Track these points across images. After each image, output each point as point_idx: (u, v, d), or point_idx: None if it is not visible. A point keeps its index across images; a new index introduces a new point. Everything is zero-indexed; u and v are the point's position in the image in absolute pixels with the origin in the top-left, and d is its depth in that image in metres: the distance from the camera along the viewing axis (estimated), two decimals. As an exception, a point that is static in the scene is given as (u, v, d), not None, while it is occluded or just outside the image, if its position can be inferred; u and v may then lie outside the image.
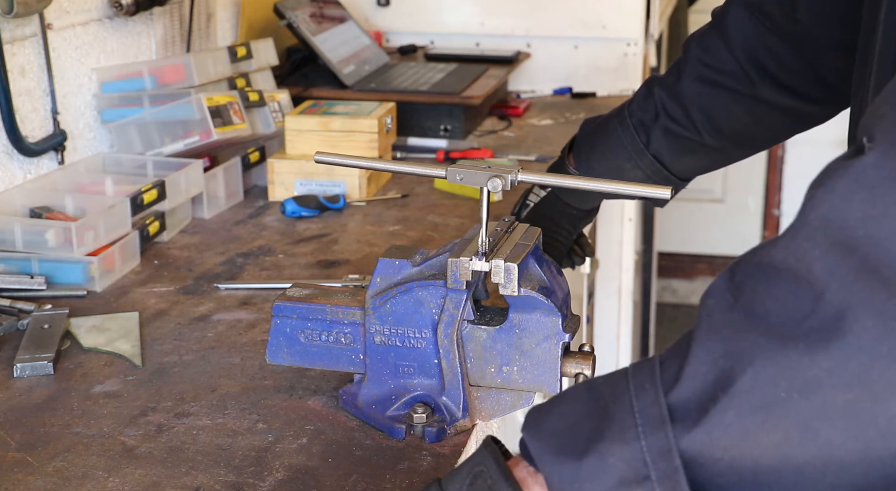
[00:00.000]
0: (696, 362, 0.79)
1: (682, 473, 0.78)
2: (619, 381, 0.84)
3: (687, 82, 1.52)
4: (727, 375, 0.76)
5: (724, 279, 0.81)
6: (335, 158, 1.28)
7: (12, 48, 1.84)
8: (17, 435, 1.24)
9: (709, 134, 1.53)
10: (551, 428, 0.84)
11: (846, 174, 0.75)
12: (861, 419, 0.73)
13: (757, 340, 0.76)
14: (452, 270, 1.19)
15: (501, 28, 3.00)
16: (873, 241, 0.73)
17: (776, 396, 0.75)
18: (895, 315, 0.71)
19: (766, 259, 0.78)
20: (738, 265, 0.81)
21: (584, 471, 0.80)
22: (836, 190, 0.75)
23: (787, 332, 0.75)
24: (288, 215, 2.01)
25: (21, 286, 1.62)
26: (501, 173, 1.18)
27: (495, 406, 1.24)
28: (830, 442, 0.74)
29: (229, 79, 2.22)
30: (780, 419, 0.75)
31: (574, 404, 0.85)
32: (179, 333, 1.51)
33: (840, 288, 0.73)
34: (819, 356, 0.73)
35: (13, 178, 1.86)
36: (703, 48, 1.52)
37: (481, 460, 0.89)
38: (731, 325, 0.78)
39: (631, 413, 0.81)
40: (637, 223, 3.35)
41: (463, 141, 2.49)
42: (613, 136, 1.57)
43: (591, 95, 2.90)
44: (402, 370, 1.25)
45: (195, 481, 1.15)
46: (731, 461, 0.77)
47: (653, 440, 0.79)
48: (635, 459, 0.79)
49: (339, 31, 2.74)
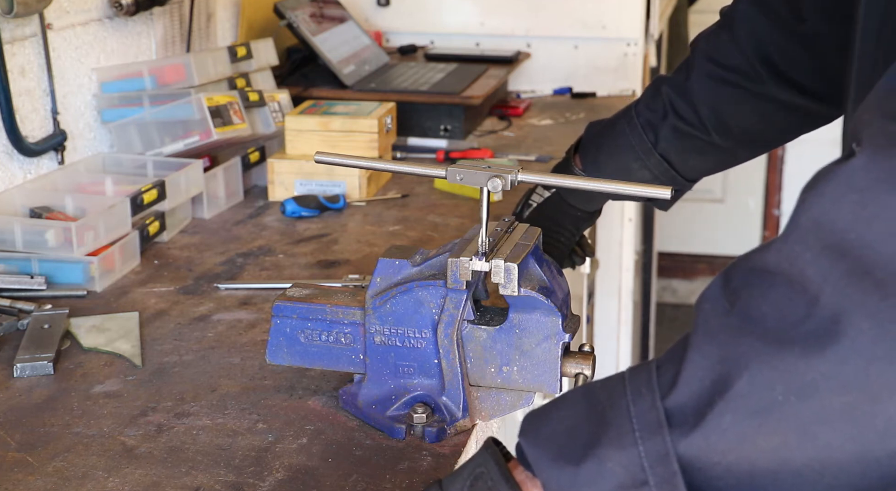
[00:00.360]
0: (692, 367, 0.79)
1: (680, 478, 0.78)
2: (616, 385, 0.84)
3: (696, 80, 1.53)
4: (724, 379, 0.77)
5: (719, 284, 0.81)
6: (335, 158, 1.28)
7: (12, 48, 1.84)
8: (17, 435, 1.24)
9: (717, 132, 1.53)
10: (548, 433, 0.84)
11: (836, 178, 0.76)
12: (859, 421, 0.73)
13: (753, 344, 0.76)
14: (452, 270, 1.19)
15: (501, 28, 3.00)
16: (864, 244, 0.73)
17: (773, 399, 0.75)
18: (890, 317, 0.71)
19: (760, 264, 0.78)
20: (733, 270, 0.81)
21: (582, 476, 0.80)
22: (827, 193, 0.76)
23: (783, 336, 0.75)
24: (288, 215, 2.01)
25: (21, 286, 1.62)
26: (501, 173, 1.18)
27: (495, 406, 1.24)
28: (829, 445, 0.74)
29: (229, 79, 2.22)
30: (778, 423, 0.75)
31: (571, 409, 0.85)
32: (179, 333, 1.51)
33: (834, 291, 0.73)
34: (816, 360, 0.73)
35: (13, 178, 1.86)
36: (711, 46, 1.53)
37: (482, 462, 0.89)
38: (728, 329, 0.78)
39: (628, 418, 0.81)
40: (637, 223, 3.35)
41: (463, 141, 2.49)
42: (621, 136, 1.58)
43: (591, 95, 2.90)
44: (402, 370, 1.25)
45: (195, 481, 1.15)
46: (729, 465, 0.77)
47: (650, 445, 0.79)
48: (633, 464, 0.79)
49: (339, 31, 2.74)
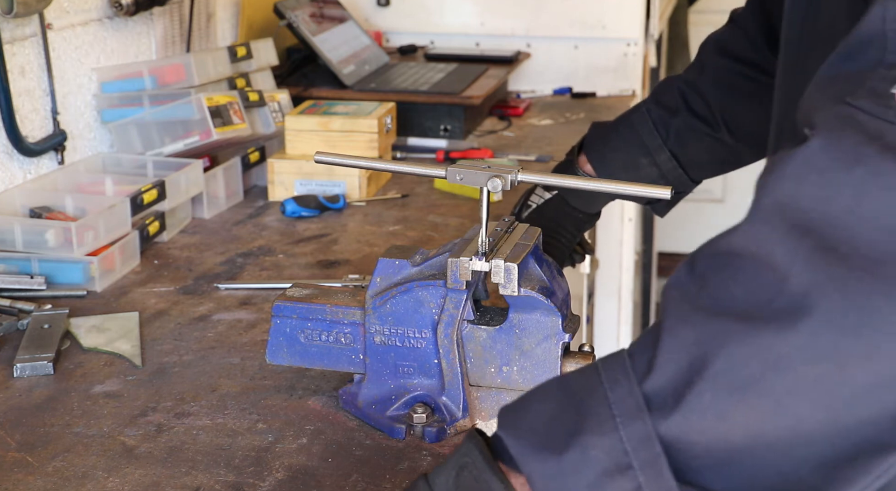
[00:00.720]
0: (667, 350, 0.80)
1: (663, 459, 0.79)
2: (590, 375, 0.85)
3: (709, 75, 1.56)
4: (701, 359, 0.78)
5: (685, 270, 0.83)
6: (335, 158, 1.28)
7: (12, 48, 1.84)
8: (17, 435, 1.24)
9: (728, 129, 1.56)
10: (528, 426, 0.85)
11: (795, 160, 0.78)
12: (829, 390, 0.75)
13: (727, 324, 0.78)
14: (452, 270, 1.19)
15: (501, 28, 3.00)
16: (827, 222, 0.76)
17: (750, 375, 0.76)
18: (857, 288, 0.74)
19: (726, 247, 0.80)
20: (698, 255, 0.83)
21: (566, 465, 0.81)
22: (787, 175, 0.78)
23: (756, 314, 0.77)
24: (288, 215, 2.01)
25: (21, 286, 1.62)
26: (501, 173, 1.18)
27: (495, 406, 1.24)
28: (799, 415, 0.76)
29: (229, 79, 2.22)
30: (755, 398, 0.77)
31: (548, 402, 0.86)
32: (179, 333, 1.51)
33: (803, 268, 0.75)
34: (789, 334, 0.75)
35: (13, 178, 1.86)
36: (724, 42, 1.57)
37: (466, 452, 0.89)
38: (700, 312, 0.80)
39: (607, 405, 0.82)
40: (637, 223, 3.35)
41: (463, 141, 2.49)
42: (631, 131, 1.60)
43: (591, 95, 2.90)
44: (402, 370, 1.25)
45: (195, 481, 1.15)
46: (708, 444, 0.79)
47: (631, 430, 0.80)
48: (615, 450, 0.80)
49: (339, 31, 2.74)
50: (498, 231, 1.24)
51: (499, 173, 1.18)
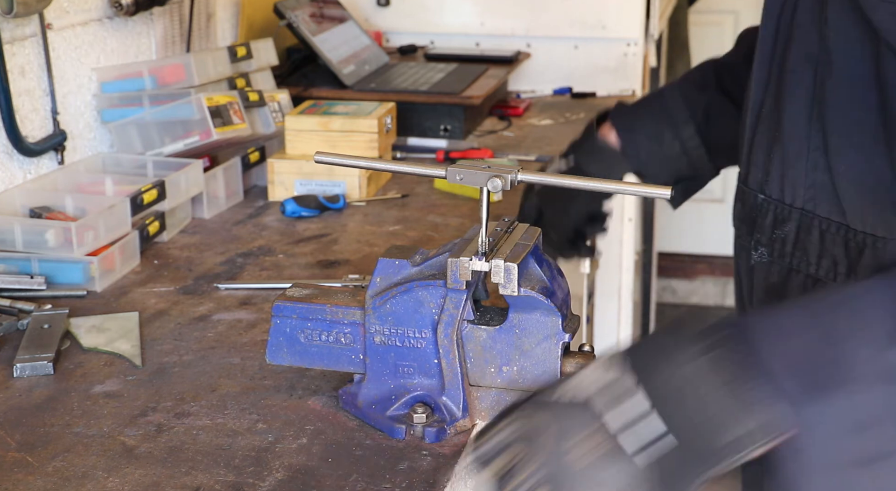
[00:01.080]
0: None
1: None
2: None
3: (741, 55, 1.57)
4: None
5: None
6: (335, 158, 1.28)
7: (12, 48, 1.84)
8: (17, 435, 1.25)
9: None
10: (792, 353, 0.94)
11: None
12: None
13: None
14: (452, 270, 1.19)
15: (501, 28, 3.00)
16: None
17: None
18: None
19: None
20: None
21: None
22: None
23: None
24: (288, 215, 2.01)
25: (21, 286, 1.62)
26: (501, 173, 1.18)
27: (495, 406, 1.24)
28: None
29: (229, 79, 2.22)
30: None
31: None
32: (179, 333, 1.52)
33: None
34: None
35: (13, 178, 1.86)
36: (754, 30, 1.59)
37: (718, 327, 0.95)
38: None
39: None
40: (637, 223, 3.35)
41: (463, 141, 2.49)
42: (660, 102, 1.62)
43: (591, 95, 2.90)
44: (402, 370, 1.25)
45: (195, 481, 1.15)
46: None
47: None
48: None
49: (339, 31, 2.74)
50: (498, 231, 1.24)
51: (499, 173, 1.18)
